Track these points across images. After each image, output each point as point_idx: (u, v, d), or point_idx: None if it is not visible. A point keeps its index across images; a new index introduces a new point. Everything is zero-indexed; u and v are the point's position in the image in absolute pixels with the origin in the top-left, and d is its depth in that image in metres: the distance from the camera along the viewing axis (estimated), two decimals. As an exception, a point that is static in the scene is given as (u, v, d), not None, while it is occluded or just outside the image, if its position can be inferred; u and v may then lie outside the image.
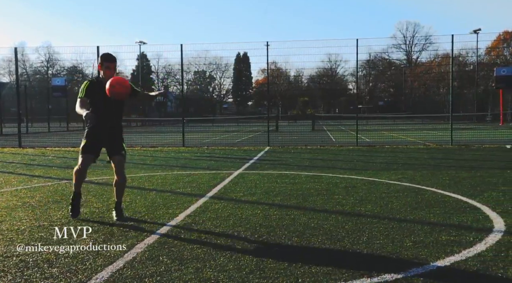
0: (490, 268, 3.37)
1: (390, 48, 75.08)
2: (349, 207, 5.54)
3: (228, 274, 3.24)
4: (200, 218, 4.98)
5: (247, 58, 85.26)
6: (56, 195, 6.41)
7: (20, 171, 9.20)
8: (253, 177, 8.11)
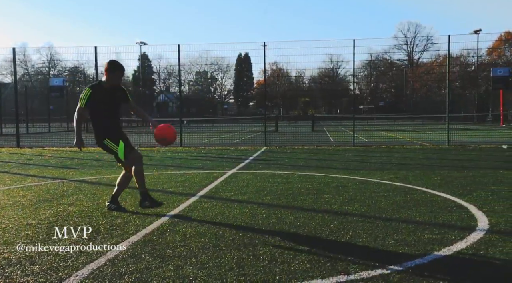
0: (466, 265, 3.40)
1: (392, 48, 75.05)
2: (337, 206, 5.58)
3: (208, 271, 3.28)
4: (187, 217, 5.02)
5: (248, 59, 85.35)
6: (47, 194, 6.45)
7: (15, 171, 9.25)
8: (246, 176, 8.14)
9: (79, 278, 3.16)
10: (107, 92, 5.12)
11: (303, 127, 35.48)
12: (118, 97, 5.26)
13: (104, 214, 5.12)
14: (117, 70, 5.18)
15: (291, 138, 20.61)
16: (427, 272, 3.26)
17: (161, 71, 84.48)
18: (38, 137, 23.90)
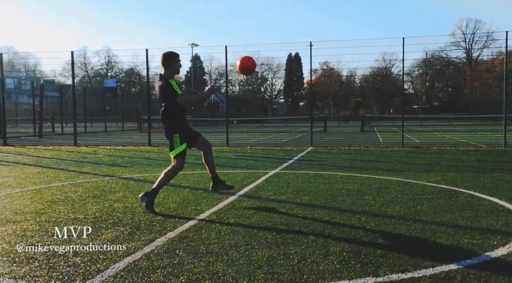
0: (505, 271, 3.27)
1: (449, 46, 72.12)
2: (376, 208, 5.49)
3: (237, 269, 3.35)
4: (225, 215, 5.12)
5: (299, 59, 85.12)
6: (96, 190, 6.78)
7: (71, 168, 9.76)
8: (288, 176, 8.17)
9: (115, 270, 3.32)
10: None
11: (353, 127, 34.97)
12: None
13: (145, 210, 5.32)
14: (176, 56, 5.55)
15: (338, 138, 20.38)
16: (461, 277, 3.17)
17: (212, 71, 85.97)
18: (94, 136, 25.04)
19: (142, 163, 10.66)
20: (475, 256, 3.63)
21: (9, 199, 6.12)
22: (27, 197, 6.23)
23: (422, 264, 3.43)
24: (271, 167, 9.69)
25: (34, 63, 73.68)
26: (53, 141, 20.17)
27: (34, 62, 72.95)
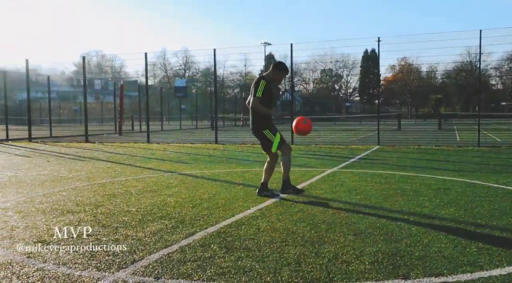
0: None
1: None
2: (429, 209, 5.24)
3: (265, 265, 3.37)
4: (269, 212, 5.15)
5: (375, 55, 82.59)
6: (154, 185, 7.10)
7: (138, 164, 10.30)
8: (344, 175, 8.02)
9: (149, 261, 3.48)
10: (271, 86, 5.89)
11: (432, 125, 33.42)
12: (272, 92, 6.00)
13: (194, 205, 5.50)
14: (285, 71, 6.00)
15: (409, 137, 19.57)
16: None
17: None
18: (168, 134, 26.09)
19: (205, 161, 10.97)
20: (525, 263, 3.36)
21: (75, 191, 6.59)
22: (91, 190, 6.68)
23: (460, 269, 3.24)
24: (330, 165, 9.55)
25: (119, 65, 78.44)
26: (130, 138, 21.33)
27: (119, 63, 77.68)
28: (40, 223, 4.66)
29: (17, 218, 4.92)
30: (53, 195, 6.27)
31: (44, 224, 4.62)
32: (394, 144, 15.09)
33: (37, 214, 5.09)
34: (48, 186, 7.06)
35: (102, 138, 21.21)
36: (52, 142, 18.45)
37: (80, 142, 18.20)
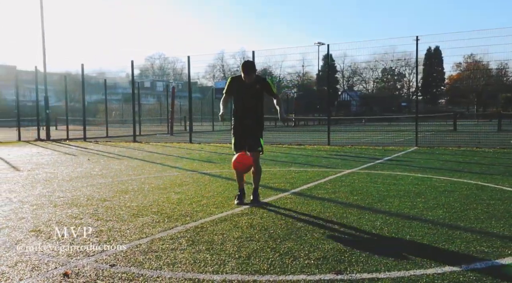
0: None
1: None
2: (418, 211, 5.25)
3: (218, 257, 3.64)
4: (258, 210, 5.39)
5: (439, 52, 79.44)
6: (169, 183, 7.52)
7: (167, 163, 10.83)
8: (358, 176, 8.05)
9: (115, 251, 3.84)
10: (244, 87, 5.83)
11: (493, 126, 31.75)
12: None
13: (192, 202, 5.84)
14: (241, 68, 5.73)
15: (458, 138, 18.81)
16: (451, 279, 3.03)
17: (345, 69, 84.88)
18: (215, 134, 26.73)
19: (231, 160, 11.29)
20: (477, 262, 3.38)
21: (94, 188, 7.16)
22: (109, 187, 7.22)
23: (397, 267, 3.33)
24: (351, 166, 9.57)
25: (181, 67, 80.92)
26: (178, 138, 22.16)
27: (181, 66, 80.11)
28: (45, 214, 5.20)
29: (29, 209, 5.50)
30: (73, 190, 6.87)
31: (48, 215, 5.15)
32: (433, 145, 14.66)
33: (48, 207, 5.65)
34: (74, 182, 7.71)
35: (152, 138, 22.20)
36: (104, 142, 19.65)
37: (128, 141, 19.25)
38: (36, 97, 22.26)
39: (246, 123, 5.85)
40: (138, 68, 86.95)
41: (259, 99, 5.89)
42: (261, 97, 5.91)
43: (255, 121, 5.88)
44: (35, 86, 22.09)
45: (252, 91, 5.79)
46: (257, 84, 5.78)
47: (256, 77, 5.78)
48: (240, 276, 3.22)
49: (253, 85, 5.76)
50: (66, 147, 16.59)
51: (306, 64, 69.20)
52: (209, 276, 3.23)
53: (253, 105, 5.86)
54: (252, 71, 5.67)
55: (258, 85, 5.78)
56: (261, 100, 5.93)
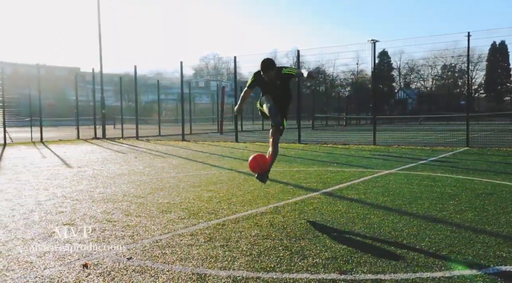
0: None
1: None
2: (446, 214, 5.11)
3: (230, 253, 3.75)
4: (284, 209, 5.46)
5: (505, 47, 75.33)
6: (204, 181, 7.74)
7: (208, 161, 11.10)
8: (394, 177, 7.90)
9: (136, 245, 4.06)
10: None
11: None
12: None
13: (221, 200, 6.00)
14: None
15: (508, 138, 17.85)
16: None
17: (402, 66, 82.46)
18: (265, 133, 26.85)
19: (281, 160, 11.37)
20: (492, 267, 3.29)
21: (133, 184, 7.50)
22: (147, 184, 7.54)
23: (404, 269, 3.29)
24: (390, 167, 9.38)
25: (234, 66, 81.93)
26: (226, 137, 22.56)
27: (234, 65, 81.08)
28: (82, 209, 5.55)
29: (69, 204, 5.88)
30: (113, 187, 7.24)
31: (84, 210, 5.49)
32: (486, 146, 14.01)
33: (87, 202, 6.01)
34: (116, 179, 8.11)
35: (201, 137, 22.71)
36: (154, 141, 20.35)
37: (177, 140, 19.84)
38: (93, 97, 23.43)
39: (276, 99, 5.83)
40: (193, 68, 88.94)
41: (283, 91, 5.84)
42: (286, 89, 5.86)
43: (283, 106, 5.84)
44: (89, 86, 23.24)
45: (275, 87, 5.82)
46: (277, 80, 5.78)
47: (276, 72, 5.76)
48: (245, 272, 3.32)
49: (275, 82, 5.78)
50: (118, 145, 17.38)
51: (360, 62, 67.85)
52: (216, 271, 3.35)
53: (278, 96, 5.84)
54: (269, 69, 5.68)
55: (278, 81, 5.79)
56: (287, 90, 5.89)
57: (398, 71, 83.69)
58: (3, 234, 4.43)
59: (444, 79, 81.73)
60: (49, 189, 7.09)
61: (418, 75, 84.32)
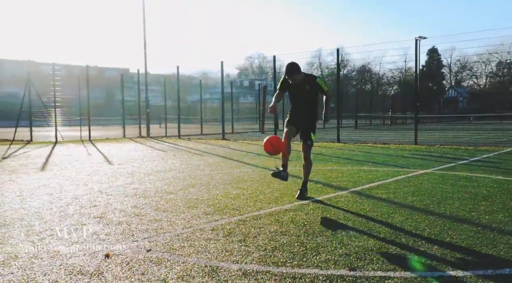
0: None
1: None
2: (475, 214, 4.97)
3: (247, 248, 3.84)
4: (308, 207, 5.49)
5: None
6: (235, 179, 7.86)
7: (244, 160, 11.23)
8: (429, 177, 7.72)
9: (158, 238, 4.22)
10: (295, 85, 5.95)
11: None
12: None
13: (248, 198, 6.09)
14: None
15: None
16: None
17: (453, 63, 79.63)
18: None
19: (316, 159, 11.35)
20: (508, 268, 3.21)
21: (167, 181, 7.74)
22: (180, 180, 7.75)
23: (409, 268, 3.26)
24: (427, 166, 9.16)
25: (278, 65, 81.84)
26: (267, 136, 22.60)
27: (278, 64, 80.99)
28: (115, 203, 5.80)
29: (103, 199, 6.17)
30: (147, 183, 7.50)
31: (116, 204, 5.74)
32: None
33: (120, 197, 6.28)
34: (152, 176, 8.38)
35: (242, 136, 22.92)
36: (196, 139, 20.76)
37: (217, 139, 20.15)
38: (138, 97, 24.22)
39: (300, 116, 5.98)
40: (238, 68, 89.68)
41: (310, 98, 5.98)
42: (312, 96, 5.97)
43: (308, 117, 5.99)
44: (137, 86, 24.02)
45: (302, 91, 5.90)
46: (306, 84, 5.85)
47: (305, 77, 5.85)
48: (256, 266, 3.39)
49: (303, 86, 5.86)
50: (160, 144, 17.88)
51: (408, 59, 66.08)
52: (228, 264, 3.44)
53: (304, 104, 5.98)
54: (293, 73, 5.75)
55: (307, 86, 5.86)
56: (313, 98, 6.01)
57: (449, 68, 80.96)
58: (38, 225, 4.72)
59: (499, 76, 78.19)
60: (88, 185, 7.44)
61: (470, 72, 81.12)
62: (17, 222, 4.85)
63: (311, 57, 76.71)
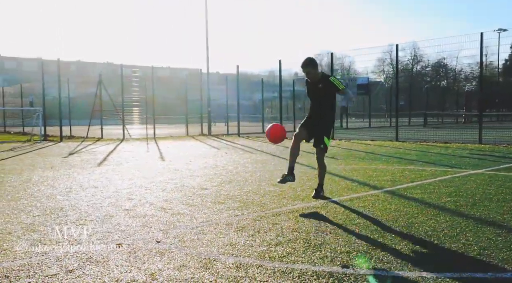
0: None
1: None
2: (508, 217, 4.68)
3: (259, 243, 3.92)
4: (334, 205, 5.45)
5: None
6: (271, 177, 7.89)
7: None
8: (476, 178, 7.32)
9: (176, 230, 4.41)
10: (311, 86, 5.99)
11: None
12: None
13: (277, 194, 6.16)
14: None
15: None
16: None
17: (540, 57, 73.71)
18: (369, 131, 26.13)
19: (357, 157, 11.17)
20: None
21: (207, 177, 7.97)
22: (219, 177, 7.95)
23: (409, 268, 3.17)
24: (480, 167, 8.66)
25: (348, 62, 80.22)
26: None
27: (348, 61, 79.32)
28: (149, 197, 6.11)
29: (139, 192, 6.51)
30: (188, 179, 7.78)
31: (150, 198, 6.04)
32: None
33: (157, 191, 6.58)
34: (195, 172, 8.67)
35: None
36: (254, 137, 21.00)
37: (275, 137, 20.19)
38: (200, 96, 24.96)
39: (313, 118, 5.92)
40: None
41: (324, 98, 5.84)
42: (326, 96, 5.83)
43: (320, 119, 5.89)
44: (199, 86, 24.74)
45: (316, 90, 5.83)
46: (320, 83, 5.77)
47: (321, 76, 5.79)
48: (251, 260, 3.46)
49: (317, 85, 5.79)
50: (218, 142, 18.32)
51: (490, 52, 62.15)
52: (226, 258, 3.54)
53: (318, 103, 5.89)
54: (308, 67, 5.71)
55: (321, 84, 5.77)
56: (327, 98, 5.86)
57: (536, 63, 75.10)
58: (73, 215, 5.10)
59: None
60: (132, 180, 7.85)
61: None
62: (56, 212, 5.27)
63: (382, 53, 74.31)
